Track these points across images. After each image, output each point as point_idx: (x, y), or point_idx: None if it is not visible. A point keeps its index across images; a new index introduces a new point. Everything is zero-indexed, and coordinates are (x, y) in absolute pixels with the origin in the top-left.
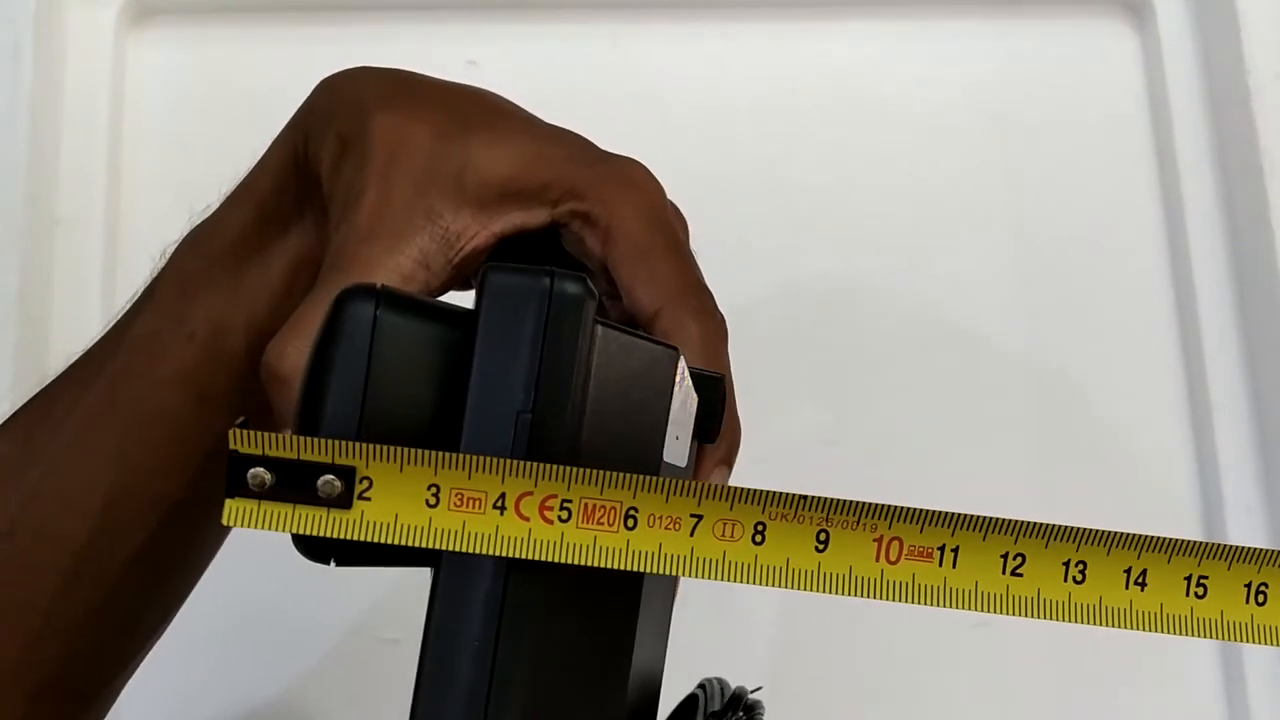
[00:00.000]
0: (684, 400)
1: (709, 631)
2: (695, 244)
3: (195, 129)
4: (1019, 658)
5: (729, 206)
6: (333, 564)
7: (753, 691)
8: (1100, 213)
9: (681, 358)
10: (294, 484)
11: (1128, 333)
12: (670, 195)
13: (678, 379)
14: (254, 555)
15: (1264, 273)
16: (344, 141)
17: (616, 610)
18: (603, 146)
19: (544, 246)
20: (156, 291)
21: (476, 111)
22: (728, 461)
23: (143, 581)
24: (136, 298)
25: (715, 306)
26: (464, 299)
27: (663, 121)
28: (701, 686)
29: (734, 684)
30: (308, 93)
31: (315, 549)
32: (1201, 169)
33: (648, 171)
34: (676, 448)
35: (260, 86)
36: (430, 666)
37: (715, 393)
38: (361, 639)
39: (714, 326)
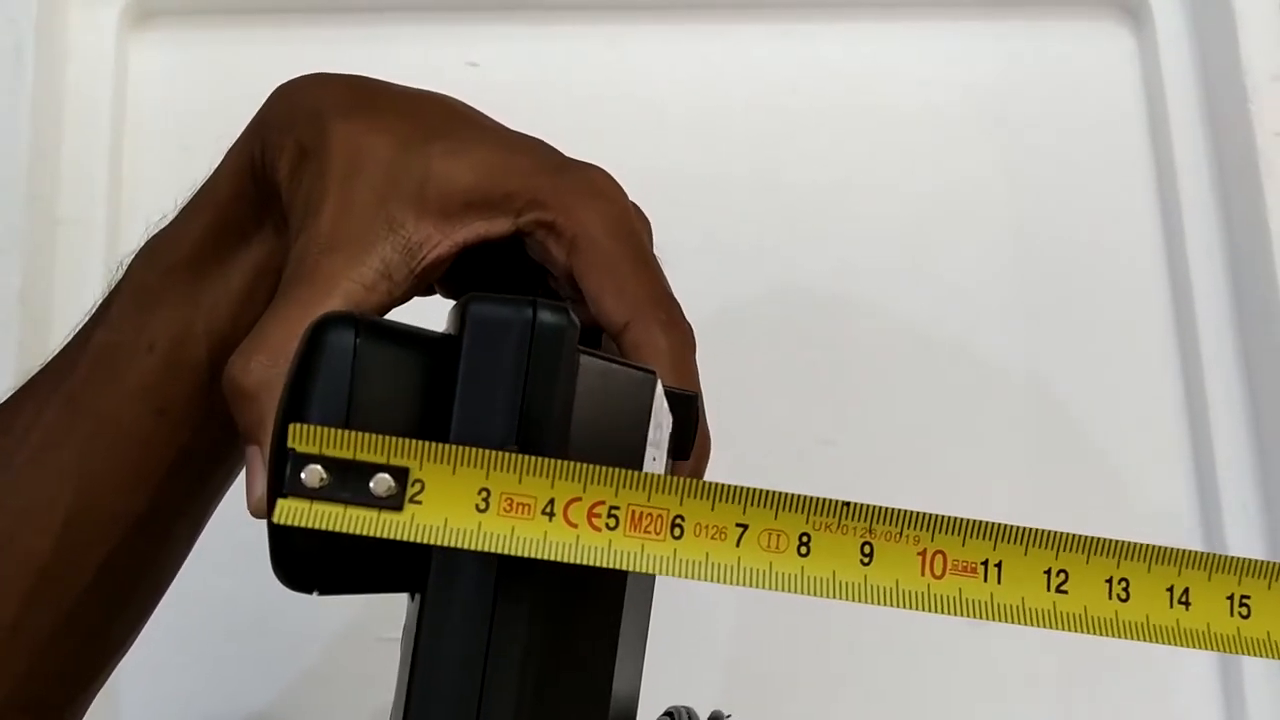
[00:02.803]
0: (660, 421)
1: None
2: (694, 244)
3: (196, 129)
4: (1015, 657)
5: (726, 206)
6: (315, 593)
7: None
8: (1097, 214)
9: (659, 381)
10: (348, 484)
11: (1124, 333)
12: (668, 195)
13: (655, 402)
14: (254, 555)
15: (1260, 274)
16: (303, 150)
17: (600, 625)
18: (602, 147)
19: (508, 255)
20: (114, 304)
21: (438, 119)
22: (697, 474)
23: (107, 596)
24: (94, 310)
25: (682, 316)
26: (429, 306)
27: (661, 122)
28: (669, 714)
29: (703, 713)
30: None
31: (299, 578)
32: (1198, 170)
33: (612, 179)
34: (654, 468)
35: (261, 88)
36: (419, 683)
37: (689, 411)
38: (361, 638)
39: (681, 337)
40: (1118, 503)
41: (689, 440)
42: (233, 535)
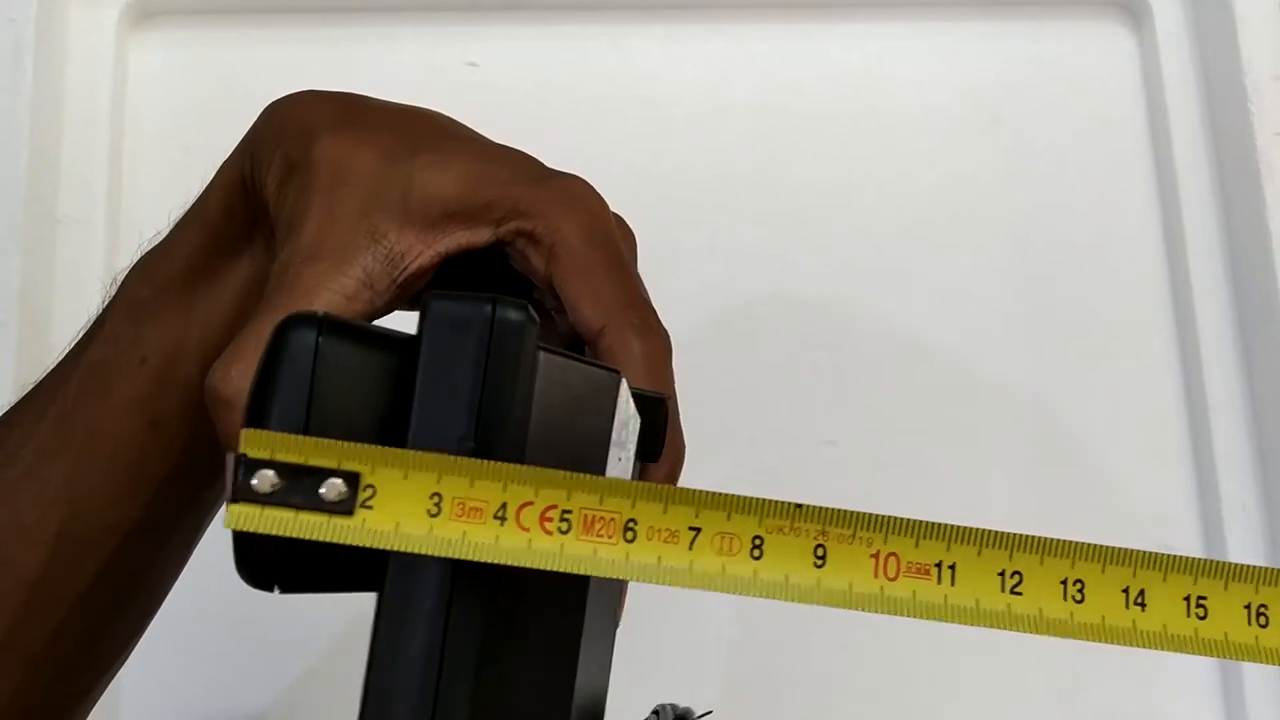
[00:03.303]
0: (626, 422)
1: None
2: (694, 244)
3: (196, 129)
4: (1014, 659)
5: (726, 207)
6: (276, 591)
7: (701, 715)
8: (1097, 214)
9: (623, 380)
10: (299, 489)
11: (1124, 333)
12: (668, 195)
13: (619, 401)
14: None
15: (1260, 274)
16: (290, 164)
17: (561, 627)
18: (602, 147)
19: (489, 265)
20: (108, 319)
21: (422, 133)
22: (671, 479)
23: (100, 610)
24: (89, 326)
25: (658, 322)
26: (411, 319)
27: (661, 122)
28: (656, 712)
29: (696, 710)
30: None
31: (260, 577)
32: (1198, 170)
33: (591, 188)
34: (619, 469)
35: (261, 88)
36: (375, 683)
37: (657, 412)
38: (361, 638)
39: (657, 342)
40: (1118, 503)
41: (658, 442)
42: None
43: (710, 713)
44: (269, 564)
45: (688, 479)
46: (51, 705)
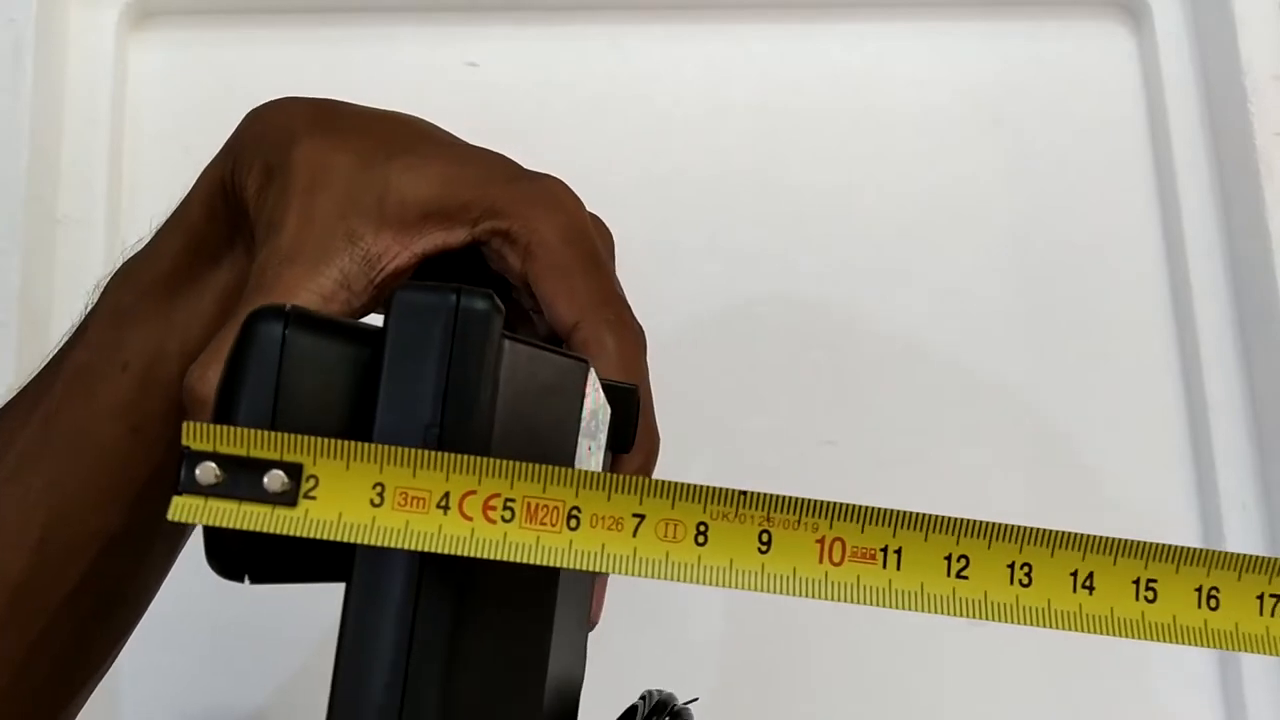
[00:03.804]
0: (595, 411)
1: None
2: (693, 244)
3: (196, 129)
4: (1009, 657)
5: (726, 207)
6: (247, 581)
7: (687, 702)
8: (1097, 214)
9: (591, 369)
10: (242, 481)
11: (1124, 332)
12: (667, 195)
13: (588, 390)
14: None
15: (1260, 274)
16: (269, 169)
17: (531, 617)
18: (602, 147)
19: (467, 265)
20: (90, 325)
21: (400, 137)
22: (645, 470)
23: (84, 616)
24: (71, 332)
25: (633, 318)
26: None
27: (661, 122)
28: (643, 698)
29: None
30: (310, 94)
31: (230, 567)
32: (1198, 170)
33: (567, 188)
34: (590, 459)
35: (261, 88)
36: (344, 673)
37: (629, 403)
38: None
39: (630, 337)
40: (1118, 502)
41: (628, 433)
42: None
43: (695, 699)
44: (237, 554)
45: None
46: (36, 710)
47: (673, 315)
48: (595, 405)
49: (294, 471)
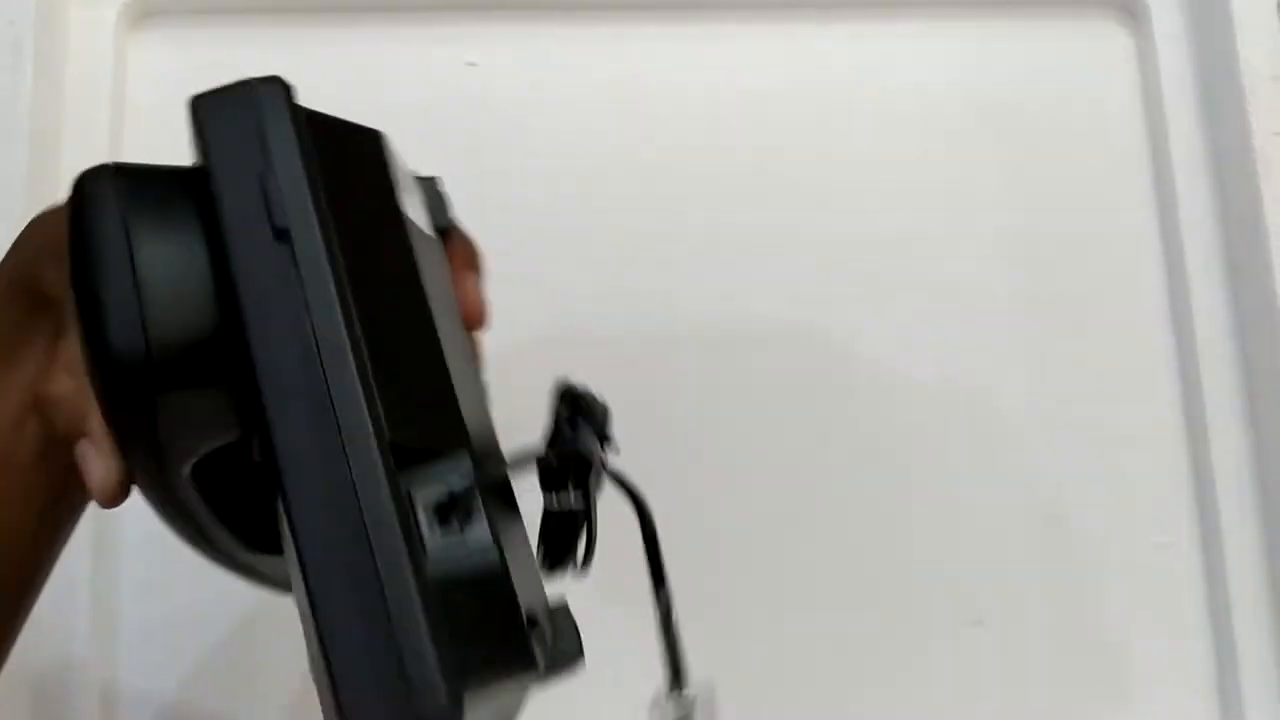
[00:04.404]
0: (406, 175)
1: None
2: (690, 243)
3: None
4: (1008, 656)
5: (723, 206)
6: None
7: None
8: (1095, 212)
9: (386, 137)
10: None
11: (1121, 330)
12: (664, 194)
13: (390, 157)
14: None
15: (1257, 273)
16: (60, 257)
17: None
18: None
19: None
20: None
21: None
22: (472, 267)
23: None
24: None
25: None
26: None
27: (658, 121)
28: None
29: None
30: (308, 94)
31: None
32: (1196, 169)
33: None
34: (415, 214)
35: None
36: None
37: (433, 189)
38: None
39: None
40: (1115, 503)
41: (443, 219)
42: None
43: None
44: None
45: (684, 478)
46: None
47: (668, 310)
48: (403, 171)
49: None
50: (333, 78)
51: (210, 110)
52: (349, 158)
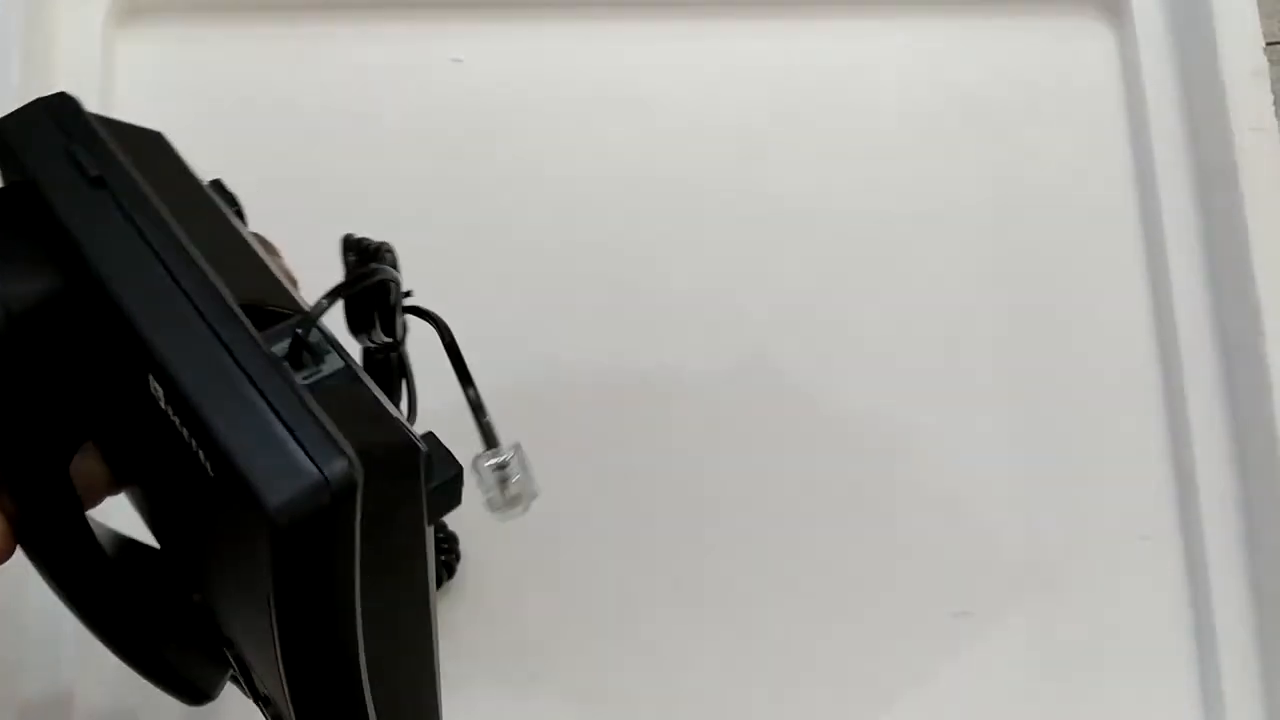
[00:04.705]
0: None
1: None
2: (679, 240)
3: (183, 127)
4: (997, 648)
5: (711, 205)
6: None
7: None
8: (1076, 209)
9: (162, 135)
10: None
11: (1104, 327)
12: (653, 193)
13: (171, 144)
14: None
15: (1238, 269)
16: None
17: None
18: (585, 143)
19: None
20: None
21: None
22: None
23: None
24: None
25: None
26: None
27: (646, 120)
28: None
29: None
30: (296, 90)
31: None
32: (1177, 166)
33: None
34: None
35: (248, 85)
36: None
37: (223, 189)
38: None
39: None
40: (1098, 496)
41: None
42: None
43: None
44: None
45: (666, 470)
46: None
47: (659, 311)
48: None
49: None
50: (319, 75)
51: (7, 128)
52: (144, 145)
